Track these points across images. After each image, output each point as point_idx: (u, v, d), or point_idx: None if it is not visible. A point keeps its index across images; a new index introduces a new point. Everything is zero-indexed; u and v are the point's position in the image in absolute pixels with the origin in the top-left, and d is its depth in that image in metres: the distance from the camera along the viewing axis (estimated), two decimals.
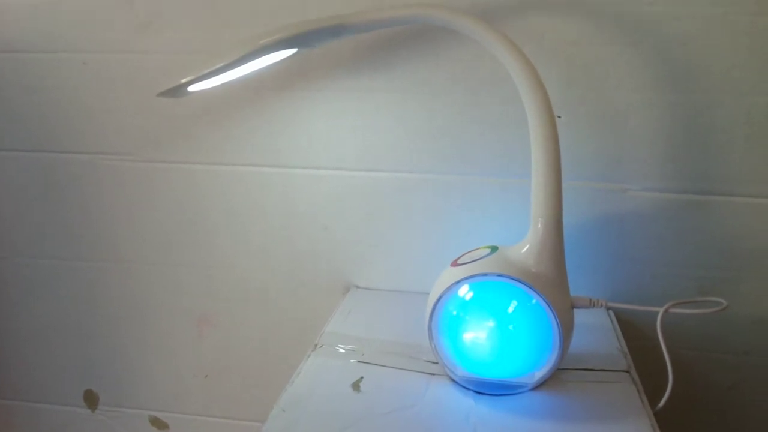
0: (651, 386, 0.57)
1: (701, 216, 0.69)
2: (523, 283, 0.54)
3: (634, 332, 0.70)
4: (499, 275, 0.54)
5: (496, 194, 0.72)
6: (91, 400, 0.93)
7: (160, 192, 0.80)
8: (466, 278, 0.55)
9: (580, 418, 0.53)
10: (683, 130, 0.66)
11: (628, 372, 0.59)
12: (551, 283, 0.55)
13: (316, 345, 0.64)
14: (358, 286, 0.79)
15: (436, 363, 0.60)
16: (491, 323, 0.56)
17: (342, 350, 0.63)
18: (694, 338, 0.74)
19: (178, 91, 0.54)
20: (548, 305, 0.54)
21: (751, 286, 0.70)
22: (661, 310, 0.55)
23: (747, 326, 0.71)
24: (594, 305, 0.57)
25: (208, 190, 0.79)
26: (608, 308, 0.58)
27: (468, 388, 0.57)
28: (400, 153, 0.73)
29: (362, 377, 0.59)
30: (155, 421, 0.93)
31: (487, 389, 0.56)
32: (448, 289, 0.56)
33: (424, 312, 0.59)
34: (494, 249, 0.58)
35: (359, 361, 0.61)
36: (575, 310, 0.56)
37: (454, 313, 0.56)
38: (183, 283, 0.84)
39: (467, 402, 0.55)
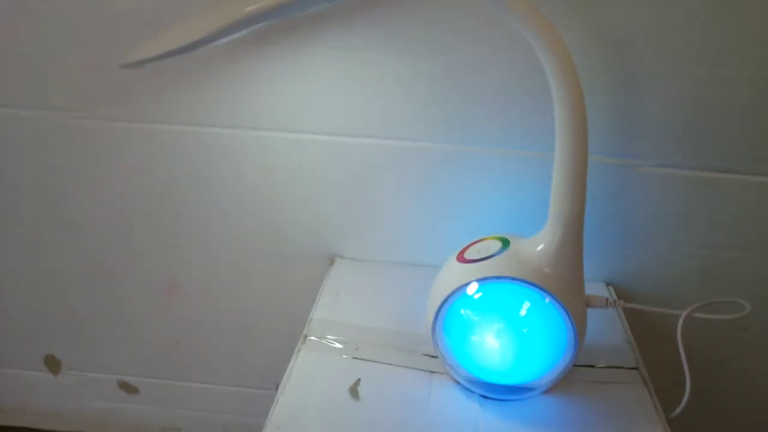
0: (657, 376, 0.55)
1: (708, 193, 0.65)
2: (539, 287, 0.49)
3: (639, 322, 0.67)
4: (513, 279, 0.50)
5: (498, 166, 0.66)
6: (52, 364, 0.88)
7: (117, 154, 0.70)
8: (478, 280, 0.50)
9: (594, 426, 0.50)
10: (703, 105, 0.61)
11: (636, 369, 0.57)
12: (567, 286, 0.50)
13: (305, 336, 0.60)
14: (343, 257, 0.74)
15: (435, 357, 0.56)
16: (502, 325, 0.52)
17: (334, 343, 0.59)
18: None
19: (145, 64, 0.45)
20: (564, 309, 0.50)
21: (755, 265, 0.68)
22: (683, 315, 0.51)
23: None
24: (609, 305, 0.53)
25: (173, 153, 0.70)
26: (624, 308, 0.54)
27: (472, 391, 0.54)
28: (394, 118, 0.66)
29: (359, 379, 0.54)
30: (124, 385, 0.88)
31: (493, 393, 0.53)
32: (457, 290, 0.51)
33: (416, 289, 0.59)
34: (505, 243, 0.53)
35: (354, 357, 0.57)
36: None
37: (462, 312, 0.52)
38: (147, 251, 0.77)
39: (473, 408, 0.52)
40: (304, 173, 0.69)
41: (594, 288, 0.70)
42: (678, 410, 0.51)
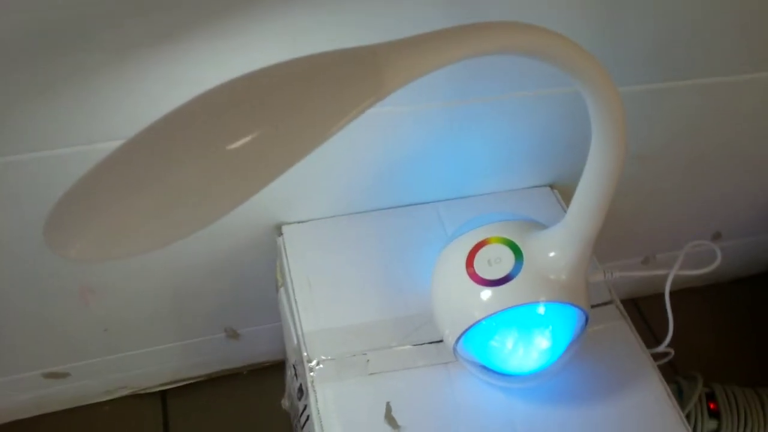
0: None
1: (649, 99, 0.67)
2: (559, 302, 0.51)
3: None
4: (539, 302, 0.50)
5: (441, 118, 0.61)
6: None
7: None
8: (505, 310, 0.50)
9: (601, 392, 0.57)
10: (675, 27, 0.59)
11: (612, 303, 0.62)
12: (578, 286, 0.52)
13: (308, 364, 0.56)
14: (288, 222, 0.67)
15: (440, 341, 0.58)
16: (521, 328, 0.53)
17: (342, 362, 0.57)
18: None
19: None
20: (578, 308, 0.52)
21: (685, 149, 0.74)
22: (670, 275, 0.56)
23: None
24: (608, 277, 0.56)
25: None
26: (616, 279, 0.57)
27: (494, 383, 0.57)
28: None
29: (388, 402, 0.55)
30: (51, 375, 0.80)
31: (514, 382, 0.57)
32: (483, 318, 0.51)
33: (380, 241, 0.63)
34: (517, 253, 0.52)
35: (369, 374, 0.56)
36: None
37: (485, 329, 0.52)
38: (51, 266, 0.63)
39: (499, 397, 0.56)
40: None
41: (539, 193, 0.72)
42: (661, 347, 0.59)
